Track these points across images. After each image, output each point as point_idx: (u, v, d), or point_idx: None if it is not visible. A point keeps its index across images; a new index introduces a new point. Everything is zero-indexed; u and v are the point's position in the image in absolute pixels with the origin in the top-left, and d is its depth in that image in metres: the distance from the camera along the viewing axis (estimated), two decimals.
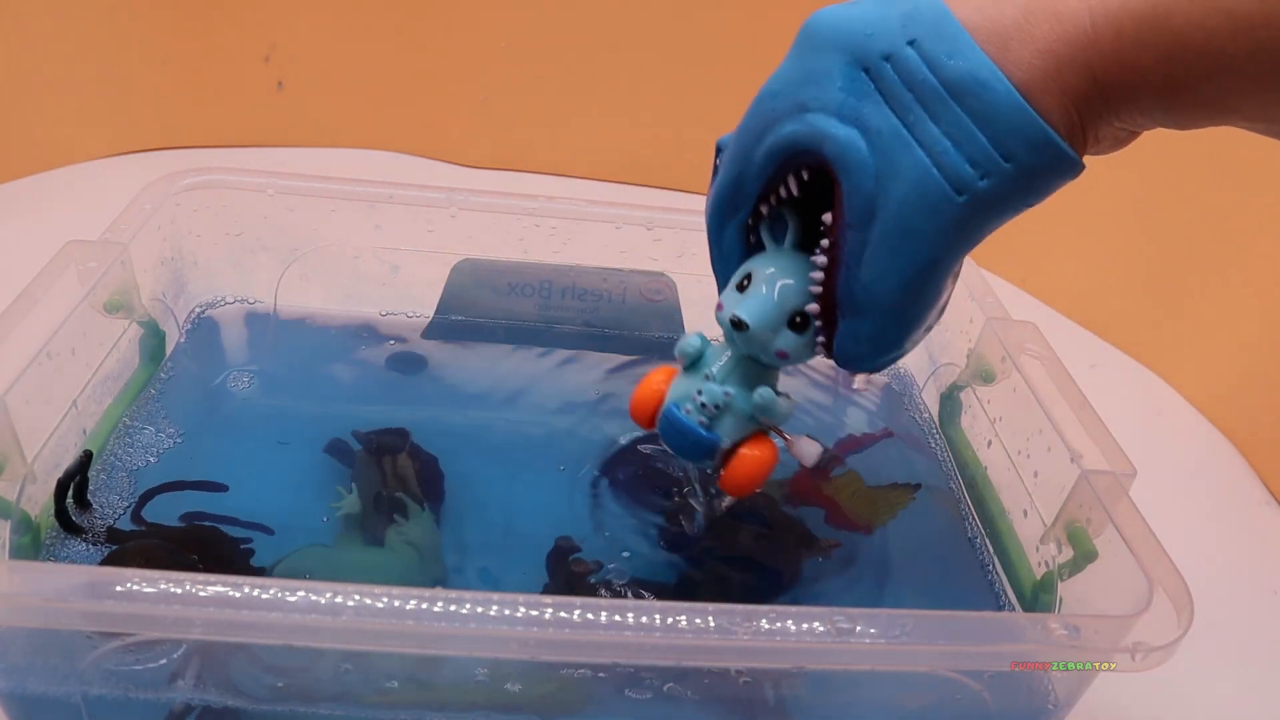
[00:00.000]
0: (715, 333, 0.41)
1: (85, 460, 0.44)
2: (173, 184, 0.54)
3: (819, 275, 0.36)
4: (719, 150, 0.39)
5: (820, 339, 0.38)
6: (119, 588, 0.31)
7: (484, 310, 0.61)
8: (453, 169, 0.91)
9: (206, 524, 0.45)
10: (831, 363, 0.38)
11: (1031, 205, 0.34)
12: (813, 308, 0.37)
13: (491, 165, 0.91)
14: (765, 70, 0.37)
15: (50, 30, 0.76)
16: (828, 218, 0.36)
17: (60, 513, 0.42)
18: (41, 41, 0.76)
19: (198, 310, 0.58)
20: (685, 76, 0.84)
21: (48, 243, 0.46)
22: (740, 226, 0.39)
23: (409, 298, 0.61)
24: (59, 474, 0.43)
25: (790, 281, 0.38)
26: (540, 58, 0.85)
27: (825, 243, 0.36)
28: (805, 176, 0.36)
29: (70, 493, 0.43)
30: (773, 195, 0.38)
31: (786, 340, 0.38)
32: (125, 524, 0.44)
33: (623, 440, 0.54)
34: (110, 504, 0.45)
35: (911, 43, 0.33)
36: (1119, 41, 0.31)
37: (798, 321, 0.38)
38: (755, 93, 0.37)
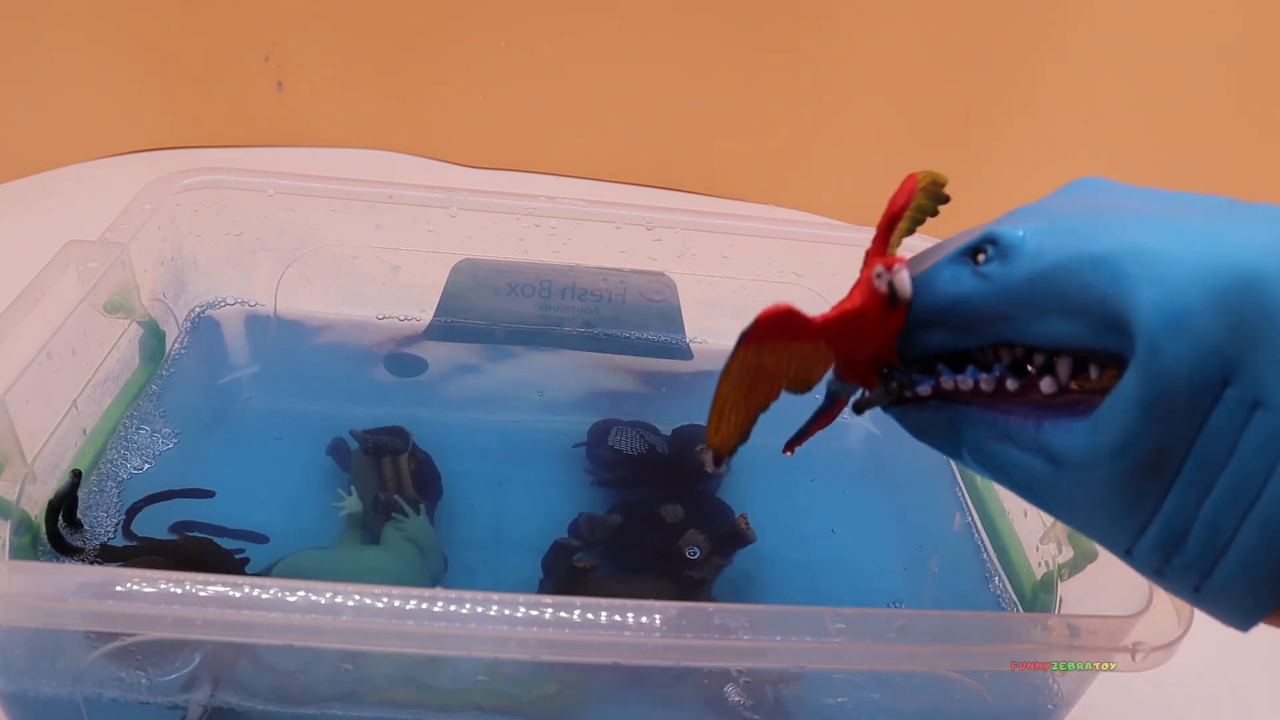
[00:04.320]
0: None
1: (74, 481, 0.43)
2: (173, 184, 0.54)
3: (967, 383, 0.27)
4: (999, 244, 0.25)
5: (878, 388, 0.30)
6: (119, 588, 0.31)
7: (484, 310, 0.61)
8: (453, 169, 0.91)
9: (199, 535, 0.44)
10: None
11: None
12: (925, 390, 0.29)
13: (491, 165, 0.91)
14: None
15: (50, 30, 0.76)
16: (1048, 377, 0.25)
17: (52, 534, 0.42)
18: (41, 41, 0.76)
19: (197, 310, 0.58)
20: (685, 76, 0.84)
21: (48, 243, 0.46)
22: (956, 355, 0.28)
23: (409, 298, 0.61)
24: (58, 474, 0.43)
25: None
26: (540, 57, 0.85)
27: (1011, 384, 0.26)
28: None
29: (61, 513, 0.43)
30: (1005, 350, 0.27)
31: None
32: (118, 539, 0.43)
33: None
34: (106, 515, 0.44)
35: None
36: None
37: None
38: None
